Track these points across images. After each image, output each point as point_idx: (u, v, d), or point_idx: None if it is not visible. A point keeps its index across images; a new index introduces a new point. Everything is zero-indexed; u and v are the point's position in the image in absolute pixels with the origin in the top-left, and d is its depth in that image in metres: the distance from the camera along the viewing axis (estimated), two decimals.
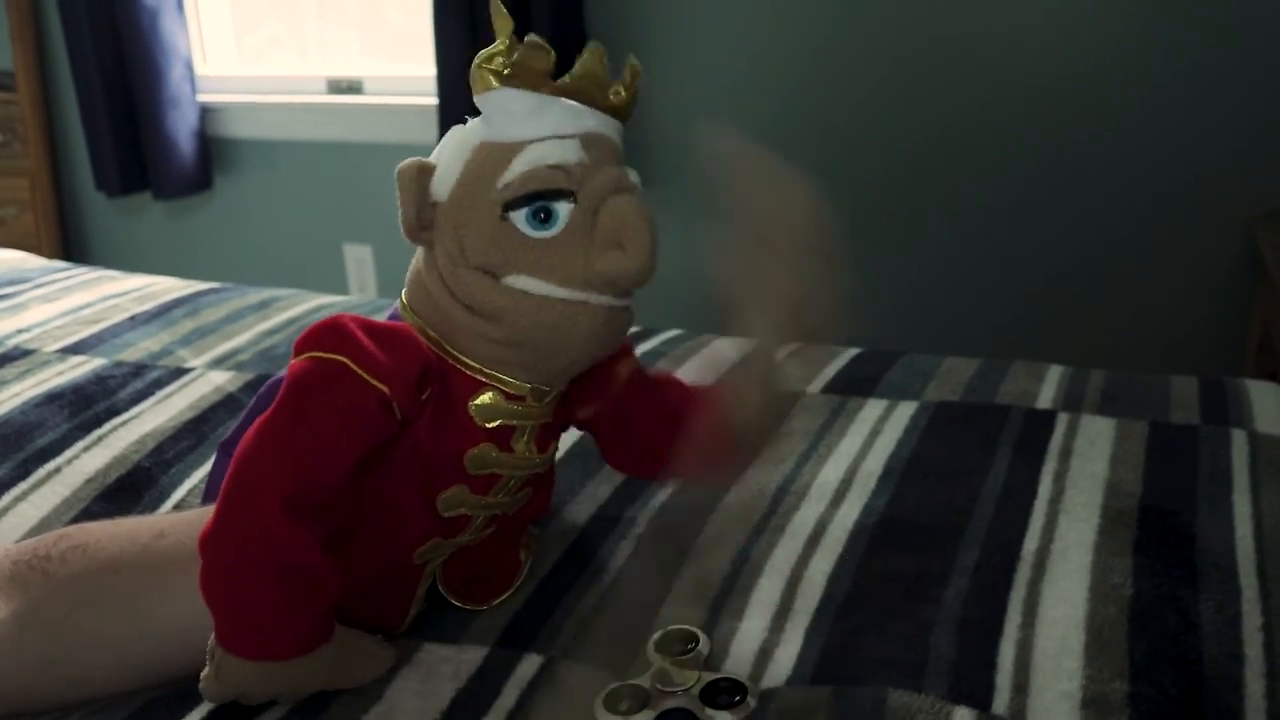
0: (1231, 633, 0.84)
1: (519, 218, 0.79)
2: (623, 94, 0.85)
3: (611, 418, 0.94)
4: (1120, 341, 2.34)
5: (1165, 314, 2.31)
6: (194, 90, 3.02)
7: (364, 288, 3.05)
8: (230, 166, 3.11)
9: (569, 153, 0.80)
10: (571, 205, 0.79)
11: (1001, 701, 0.77)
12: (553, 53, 0.81)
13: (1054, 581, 0.90)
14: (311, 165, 3.01)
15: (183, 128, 2.99)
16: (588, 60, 0.83)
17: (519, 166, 0.79)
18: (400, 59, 3.01)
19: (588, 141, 0.81)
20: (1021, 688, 0.78)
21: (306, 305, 1.60)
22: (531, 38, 0.80)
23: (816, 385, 1.27)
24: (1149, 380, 1.27)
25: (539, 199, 0.78)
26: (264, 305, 1.60)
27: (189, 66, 3.00)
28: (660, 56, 2.51)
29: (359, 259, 3.03)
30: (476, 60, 0.81)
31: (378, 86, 2.95)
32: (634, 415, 0.94)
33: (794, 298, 0.83)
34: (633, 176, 0.83)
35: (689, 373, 1.32)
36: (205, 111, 3.06)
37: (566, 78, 0.82)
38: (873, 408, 1.21)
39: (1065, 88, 2.24)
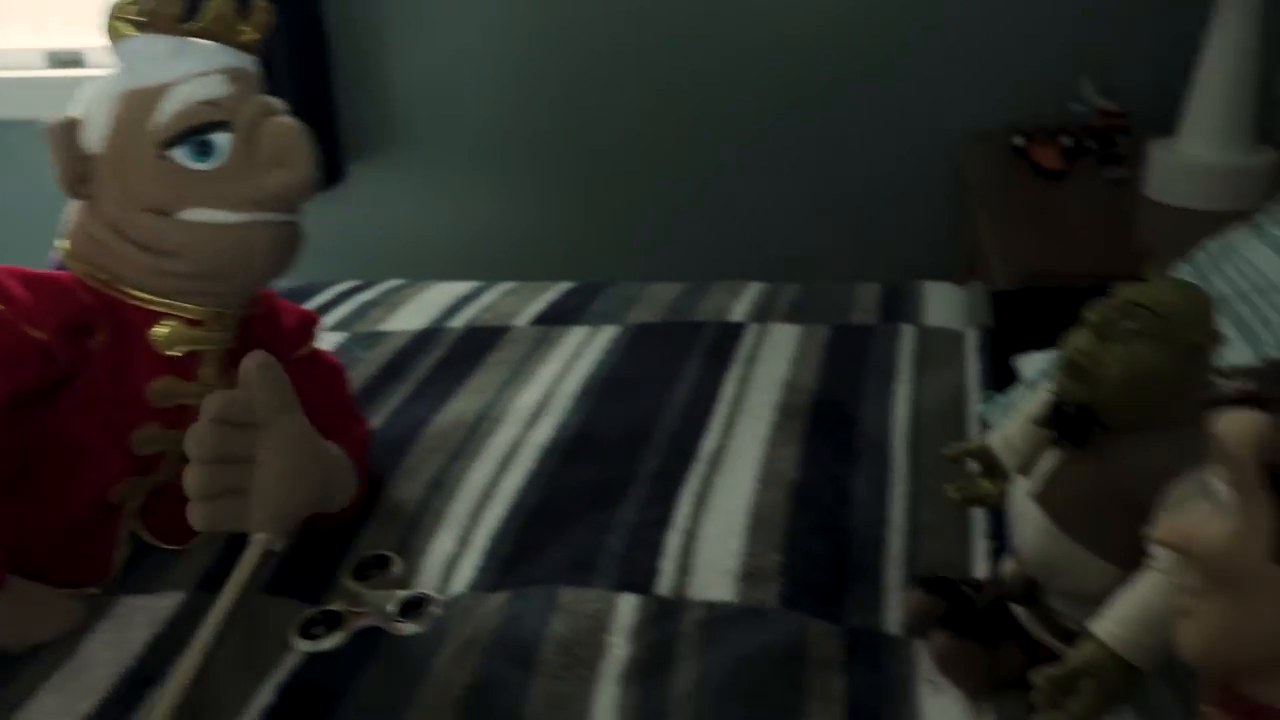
0: (879, 501, 0.92)
1: (180, 154, 0.82)
2: (252, 33, 0.89)
3: None
4: (842, 261, 2.45)
5: (884, 234, 2.43)
6: None
7: None
8: None
9: (216, 87, 0.83)
10: (229, 134, 0.82)
11: (665, 584, 0.83)
12: None
13: (726, 475, 0.96)
14: (35, 142, 2.88)
15: None
16: (217, 3, 0.86)
17: (170, 106, 0.82)
18: None
19: (231, 75, 0.84)
20: (685, 570, 0.84)
21: None
22: None
23: (525, 318, 1.31)
24: (837, 289, 1.35)
25: (196, 133, 0.82)
26: None
27: None
28: (398, 19, 2.50)
29: None
30: (110, 12, 0.84)
31: (102, 58, 2.84)
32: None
33: None
34: (275, 101, 0.86)
35: (405, 316, 1.35)
36: None
37: (198, 21, 0.85)
38: (576, 334, 1.26)
39: (779, 19, 2.33)
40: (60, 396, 0.82)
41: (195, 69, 0.83)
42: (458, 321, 1.32)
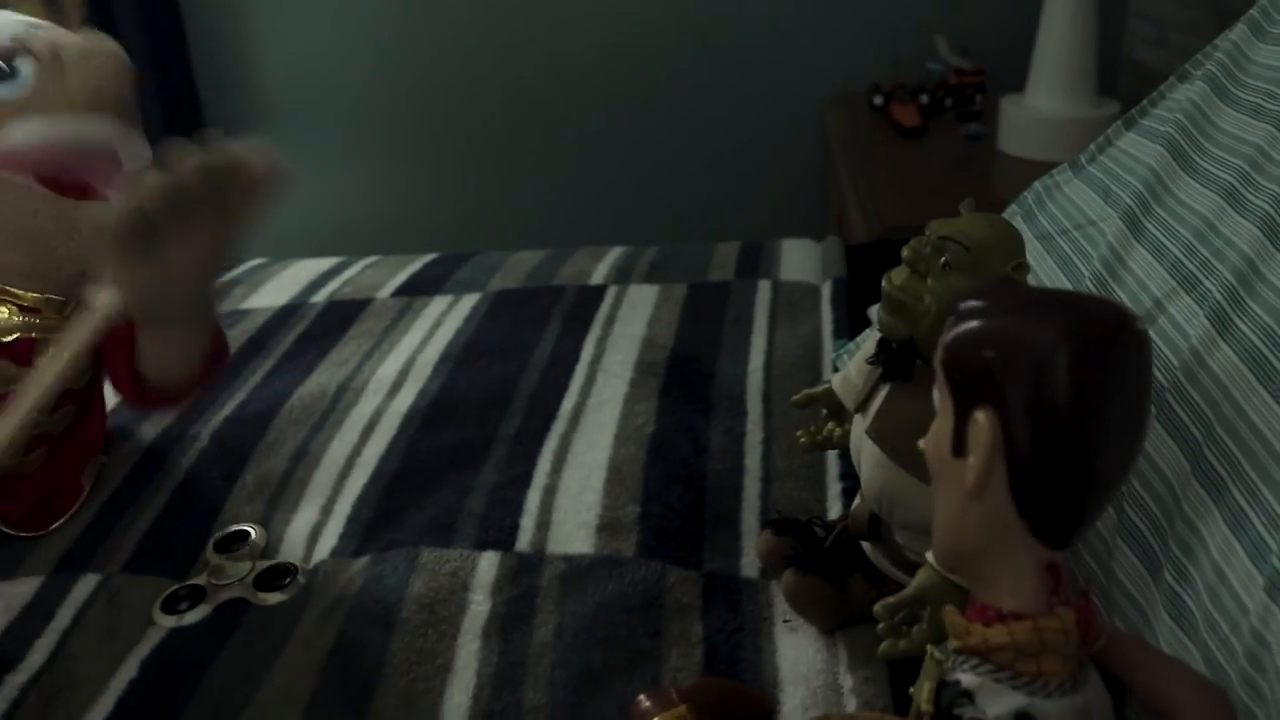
0: (735, 449, 0.94)
1: None
2: None
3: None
4: (714, 224, 2.48)
5: (755, 196, 2.47)
6: None
7: None
8: None
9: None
10: (32, 59, 0.81)
11: (525, 540, 0.84)
12: None
13: (585, 432, 0.98)
14: None
15: None
16: None
17: None
18: None
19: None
20: (544, 526, 0.86)
21: None
22: None
23: (387, 290, 1.31)
24: (696, 249, 1.38)
25: None
26: None
27: None
28: (256, 5, 2.45)
29: None
30: None
31: None
32: None
33: None
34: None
35: (267, 294, 1.34)
36: None
37: None
38: (438, 304, 1.26)
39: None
40: None
41: None
42: (320, 296, 1.32)
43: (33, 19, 0.84)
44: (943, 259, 0.66)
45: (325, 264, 1.43)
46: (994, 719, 0.46)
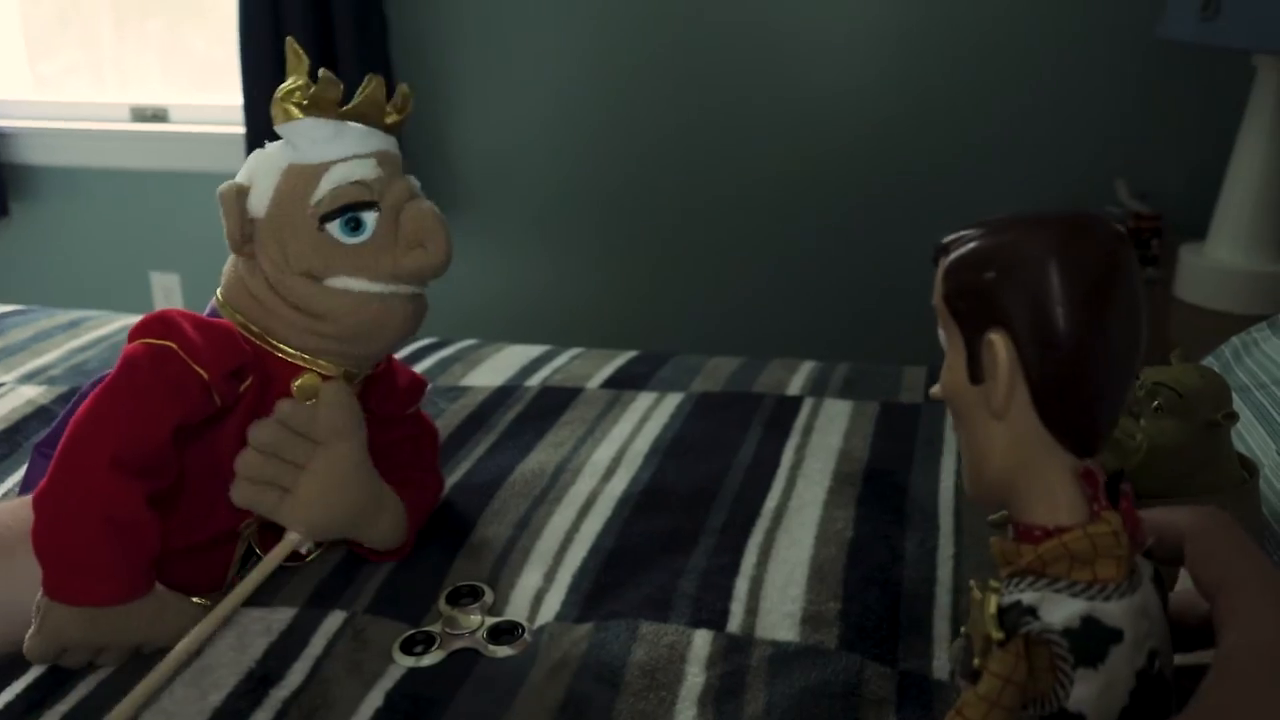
0: (928, 560, 1.01)
1: (334, 228, 0.93)
2: (395, 116, 1.00)
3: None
4: (892, 345, 2.56)
5: (930, 325, 2.54)
6: None
7: None
8: (28, 194, 3.09)
9: (368, 170, 0.94)
10: (376, 214, 0.93)
11: (735, 623, 0.92)
12: (342, 84, 0.95)
13: (788, 531, 1.05)
14: (116, 193, 3.03)
15: None
16: (371, 88, 0.97)
17: (328, 184, 0.93)
18: (206, 87, 3.05)
19: (381, 159, 0.95)
20: (752, 612, 0.93)
21: (117, 324, 1.67)
22: (324, 73, 0.95)
23: (596, 381, 1.42)
24: (885, 370, 1.45)
25: (349, 210, 0.93)
26: (73, 325, 1.66)
27: None
28: (463, 93, 2.64)
29: (166, 287, 3.06)
30: (277, 95, 0.95)
31: (183, 115, 2.99)
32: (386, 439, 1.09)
33: None
34: (414, 182, 0.97)
35: (484, 373, 1.45)
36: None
37: (352, 103, 0.96)
38: (644, 399, 1.36)
39: (836, 117, 2.45)
40: (209, 433, 0.93)
41: (351, 151, 0.94)
42: (533, 380, 1.43)
43: (379, 148, 0.97)
44: (1155, 403, 0.73)
45: (534, 351, 1.54)
46: (1062, 627, 0.46)
